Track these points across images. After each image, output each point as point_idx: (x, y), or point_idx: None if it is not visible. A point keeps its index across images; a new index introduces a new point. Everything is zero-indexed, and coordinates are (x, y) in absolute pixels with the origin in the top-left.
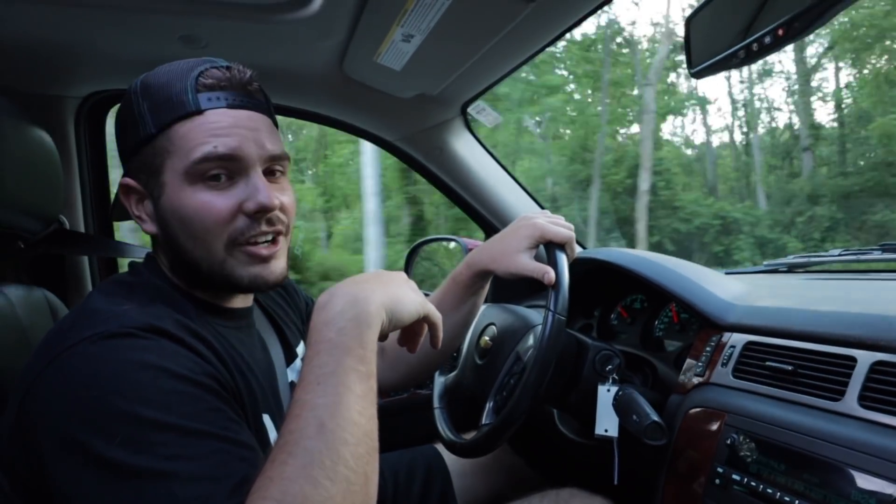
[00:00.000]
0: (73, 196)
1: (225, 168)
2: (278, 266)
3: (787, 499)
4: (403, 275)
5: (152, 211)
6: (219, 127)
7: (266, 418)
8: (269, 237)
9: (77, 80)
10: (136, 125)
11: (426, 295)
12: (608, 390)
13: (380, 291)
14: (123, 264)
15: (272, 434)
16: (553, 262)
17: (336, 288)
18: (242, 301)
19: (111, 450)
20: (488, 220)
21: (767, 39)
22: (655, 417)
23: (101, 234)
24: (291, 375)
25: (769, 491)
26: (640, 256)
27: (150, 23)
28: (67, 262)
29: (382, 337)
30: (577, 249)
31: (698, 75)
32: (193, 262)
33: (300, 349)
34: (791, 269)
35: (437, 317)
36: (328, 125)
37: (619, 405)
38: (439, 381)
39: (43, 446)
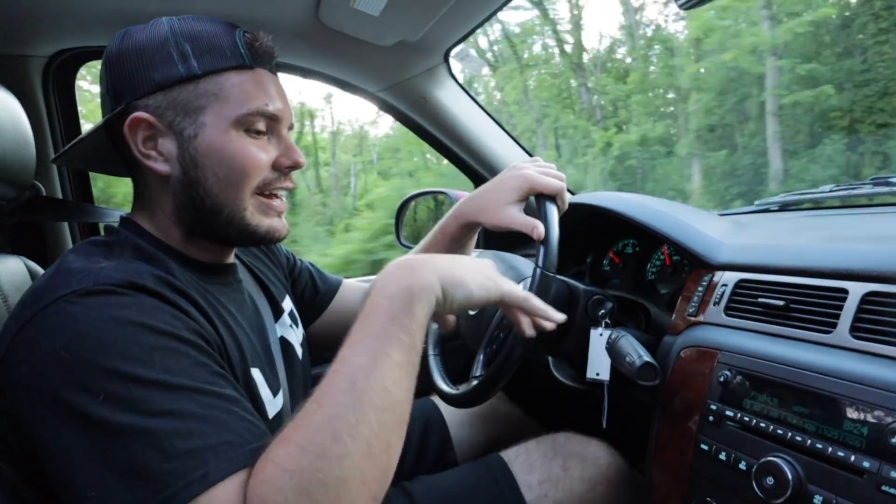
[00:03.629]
0: (47, 161)
1: (266, 125)
2: (286, 223)
3: (780, 432)
4: (489, 262)
5: (174, 150)
6: (266, 86)
7: (256, 372)
8: (285, 193)
9: (41, 38)
10: (170, 63)
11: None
12: (601, 334)
13: (443, 269)
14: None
15: (262, 389)
16: (543, 216)
17: (404, 258)
18: (227, 257)
19: (96, 407)
20: (477, 171)
21: None
22: (648, 358)
23: (79, 199)
24: (280, 331)
25: (762, 425)
26: (631, 200)
27: None
28: (48, 230)
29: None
30: (568, 197)
31: (686, 6)
32: (215, 206)
33: (286, 304)
34: (783, 207)
35: (525, 301)
36: (308, 77)
37: (613, 348)
38: (434, 329)
39: (25, 407)
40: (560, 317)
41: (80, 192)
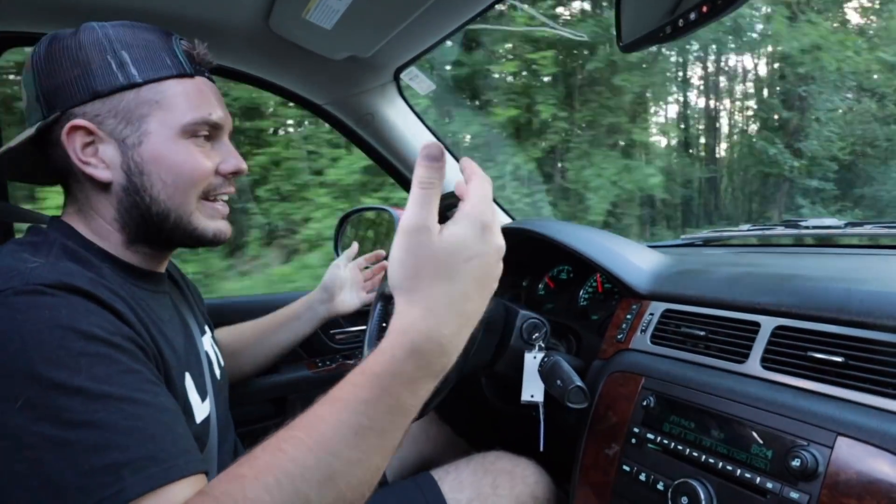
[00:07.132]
0: None
1: (209, 132)
2: (229, 225)
3: (695, 454)
4: (499, 269)
5: (117, 157)
6: (208, 95)
7: (187, 376)
8: (227, 197)
9: None
10: (108, 71)
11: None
12: (534, 357)
13: (469, 327)
14: (21, 231)
15: (191, 394)
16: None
17: (428, 304)
18: (162, 266)
19: (11, 415)
20: None
21: (692, 16)
22: (578, 382)
23: None
24: (205, 346)
25: (680, 448)
26: (568, 228)
27: None
28: None
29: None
30: (506, 220)
31: (627, 49)
32: (162, 212)
33: (207, 328)
34: (706, 242)
35: None
36: (253, 85)
37: (545, 371)
38: (368, 353)
39: None
40: None
41: None
